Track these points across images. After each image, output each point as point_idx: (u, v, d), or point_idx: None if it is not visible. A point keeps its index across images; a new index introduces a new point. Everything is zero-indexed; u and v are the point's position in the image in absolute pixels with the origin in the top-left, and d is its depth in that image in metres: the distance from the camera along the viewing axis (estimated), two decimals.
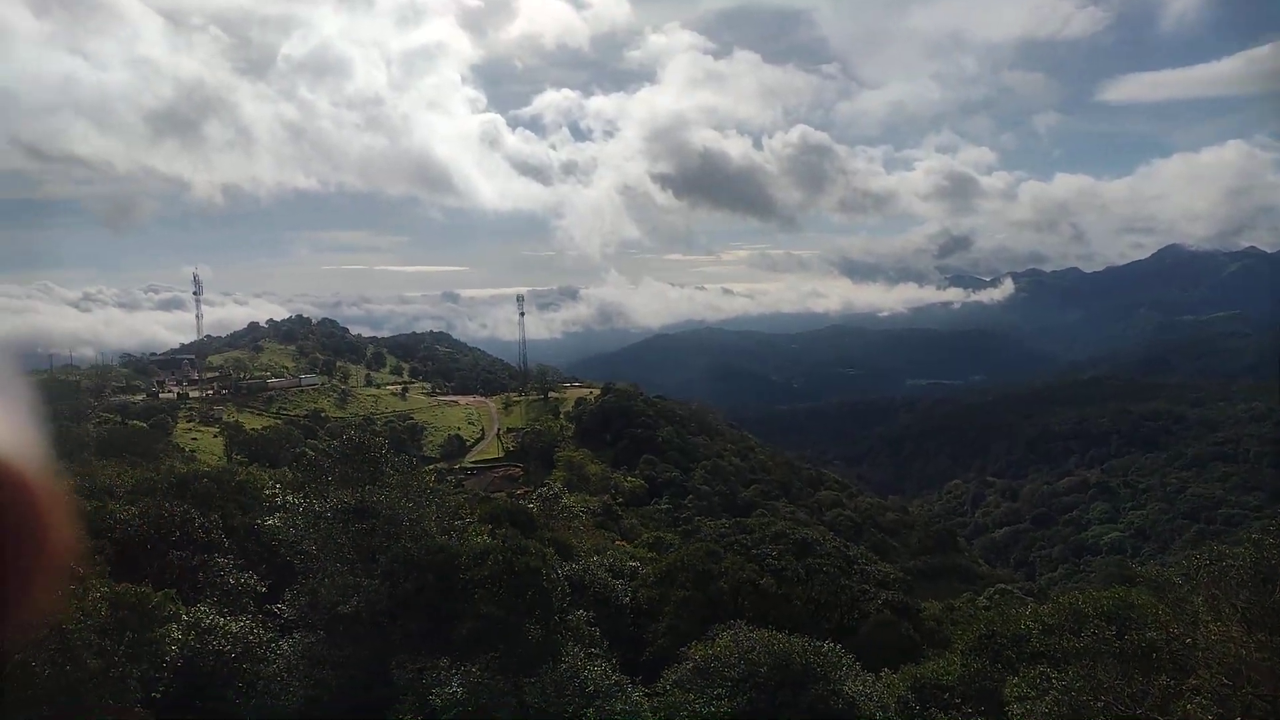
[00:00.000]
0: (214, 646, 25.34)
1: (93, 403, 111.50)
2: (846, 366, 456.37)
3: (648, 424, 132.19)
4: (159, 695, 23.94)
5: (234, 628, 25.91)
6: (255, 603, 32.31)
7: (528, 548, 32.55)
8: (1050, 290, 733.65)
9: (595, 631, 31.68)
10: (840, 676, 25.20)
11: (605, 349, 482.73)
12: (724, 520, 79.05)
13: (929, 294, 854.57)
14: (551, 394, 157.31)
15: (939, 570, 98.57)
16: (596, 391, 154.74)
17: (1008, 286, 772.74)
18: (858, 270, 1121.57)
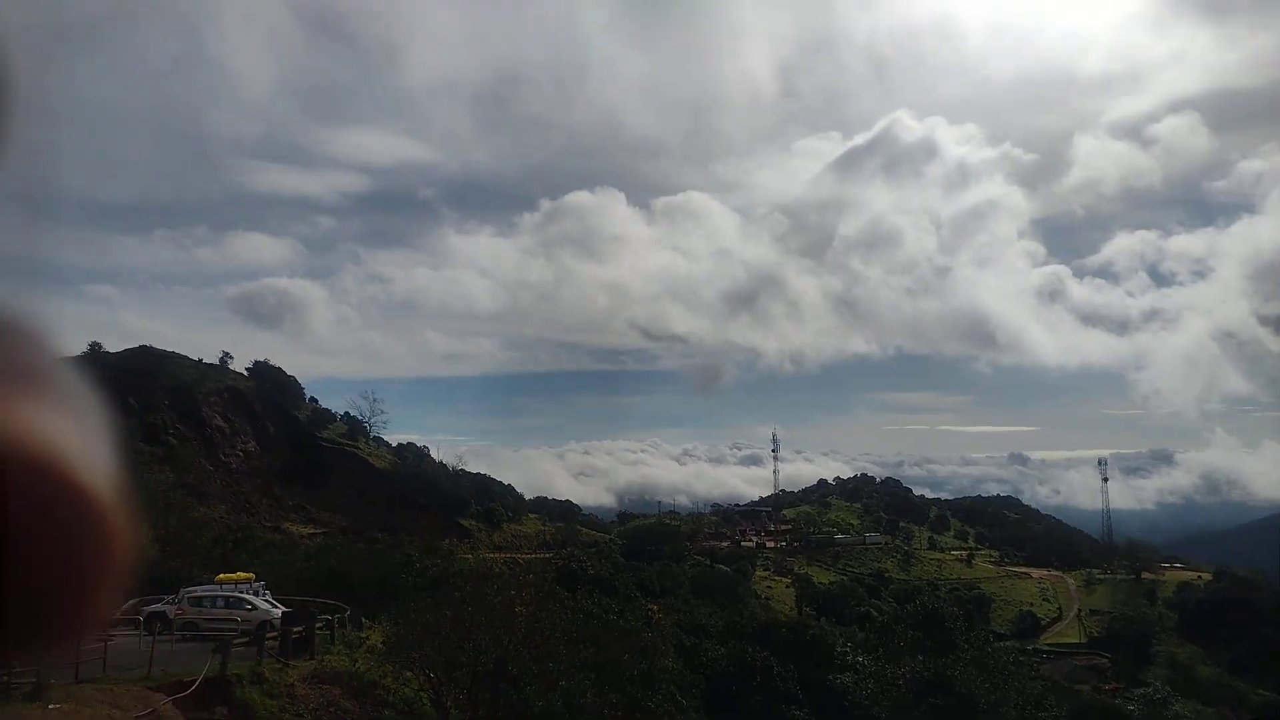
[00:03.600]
0: None
1: (688, 545, 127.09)
2: None
3: None
4: None
5: None
6: None
7: None
8: None
9: None
10: None
11: (1214, 524, 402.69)
12: None
13: None
14: (1145, 574, 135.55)
15: None
16: (1206, 576, 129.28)
17: None
18: None
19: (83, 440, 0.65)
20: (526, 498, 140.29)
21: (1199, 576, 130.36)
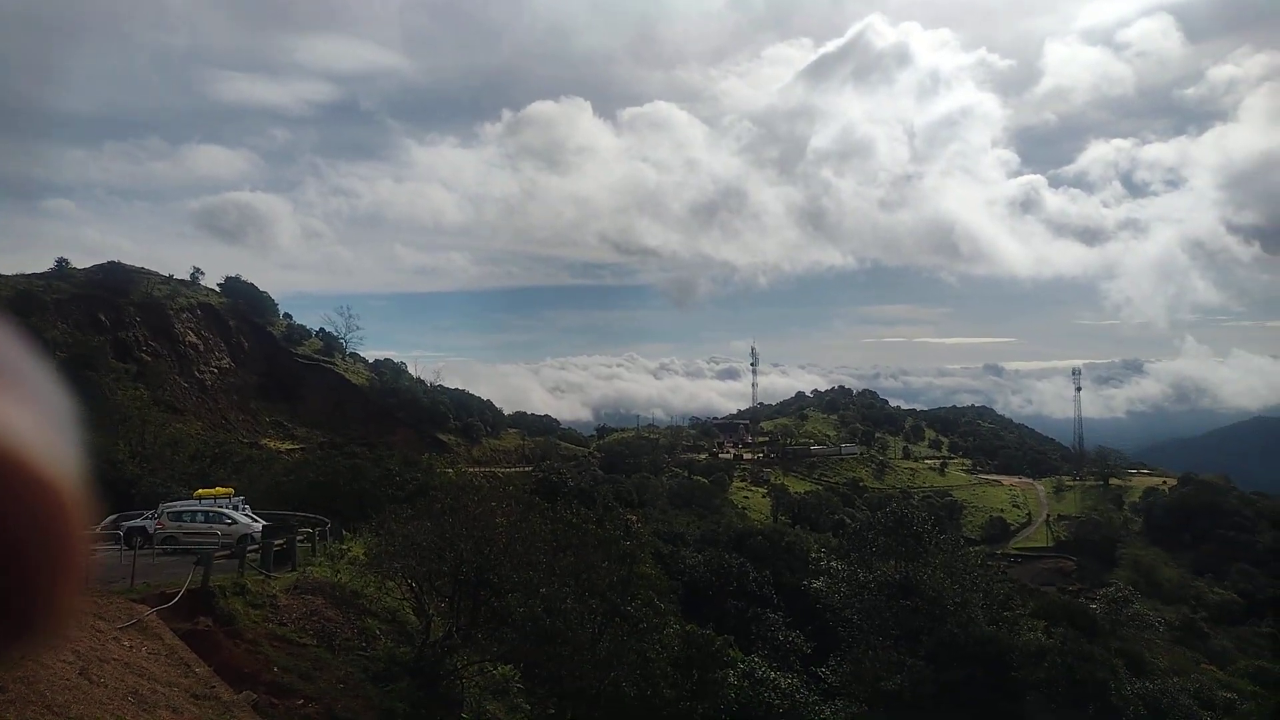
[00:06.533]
0: (765, 698, 26.78)
1: (666, 458, 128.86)
2: None
3: (1243, 525, 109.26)
4: None
5: (783, 684, 27.15)
6: (800, 662, 33.64)
7: (1092, 654, 28.74)
8: None
9: None
10: None
11: (1181, 432, 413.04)
12: None
13: None
14: (1113, 480, 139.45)
15: None
16: (1171, 482, 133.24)
17: None
18: None
19: (44, 432, 0.63)
20: (505, 413, 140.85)
21: (1164, 482, 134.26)
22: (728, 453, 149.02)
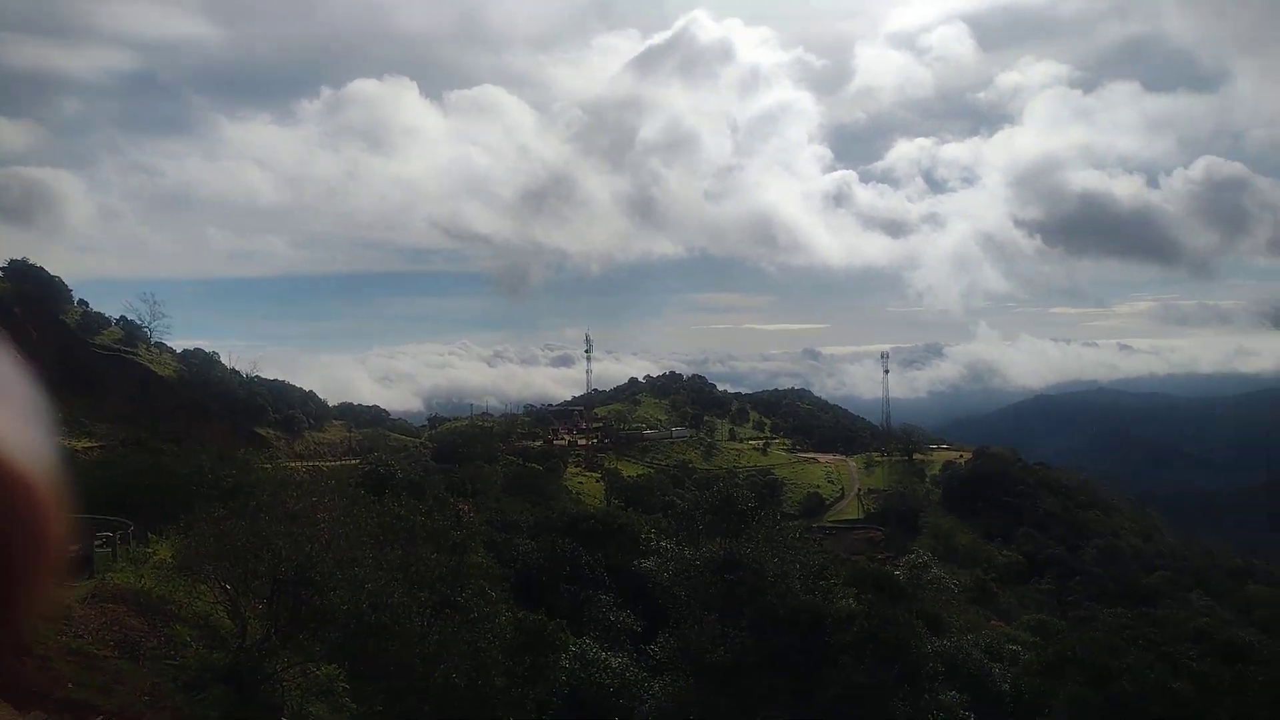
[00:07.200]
0: (596, 679, 27.31)
1: (501, 446, 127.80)
2: None
3: (1026, 493, 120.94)
4: (548, 719, 26.30)
5: (614, 663, 27.78)
6: (631, 641, 34.42)
7: (896, 616, 31.05)
8: None
9: (970, 717, 29.24)
10: None
11: (976, 410, 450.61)
12: (1121, 609, 69.26)
13: None
14: (916, 455, 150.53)
15: None
16: (967, 455, 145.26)
17: None
18: None
19: (21, 433, 0.64)
20: (329, 405, 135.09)
21: (961, 456, 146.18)
22: (562, 439, 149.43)
